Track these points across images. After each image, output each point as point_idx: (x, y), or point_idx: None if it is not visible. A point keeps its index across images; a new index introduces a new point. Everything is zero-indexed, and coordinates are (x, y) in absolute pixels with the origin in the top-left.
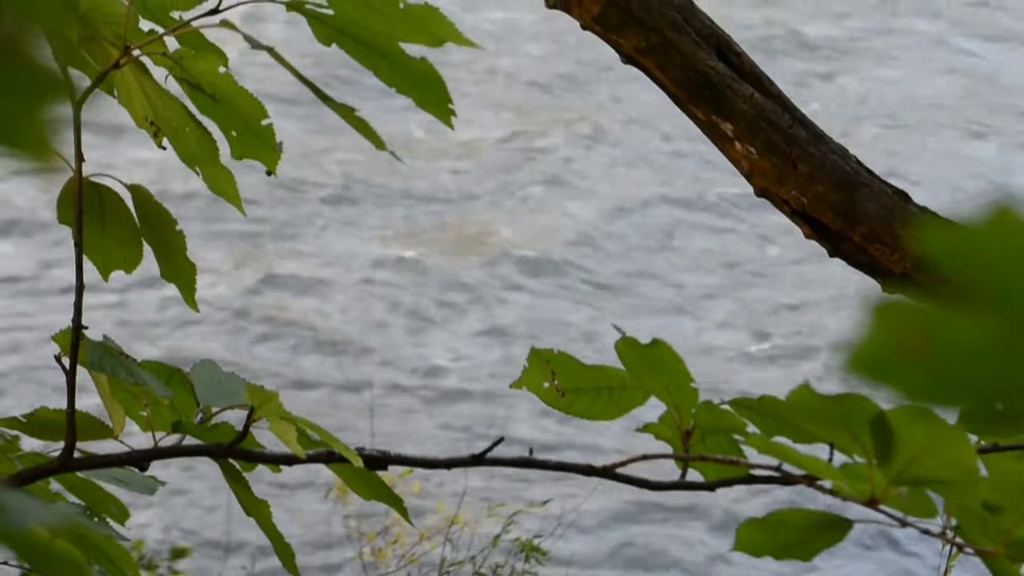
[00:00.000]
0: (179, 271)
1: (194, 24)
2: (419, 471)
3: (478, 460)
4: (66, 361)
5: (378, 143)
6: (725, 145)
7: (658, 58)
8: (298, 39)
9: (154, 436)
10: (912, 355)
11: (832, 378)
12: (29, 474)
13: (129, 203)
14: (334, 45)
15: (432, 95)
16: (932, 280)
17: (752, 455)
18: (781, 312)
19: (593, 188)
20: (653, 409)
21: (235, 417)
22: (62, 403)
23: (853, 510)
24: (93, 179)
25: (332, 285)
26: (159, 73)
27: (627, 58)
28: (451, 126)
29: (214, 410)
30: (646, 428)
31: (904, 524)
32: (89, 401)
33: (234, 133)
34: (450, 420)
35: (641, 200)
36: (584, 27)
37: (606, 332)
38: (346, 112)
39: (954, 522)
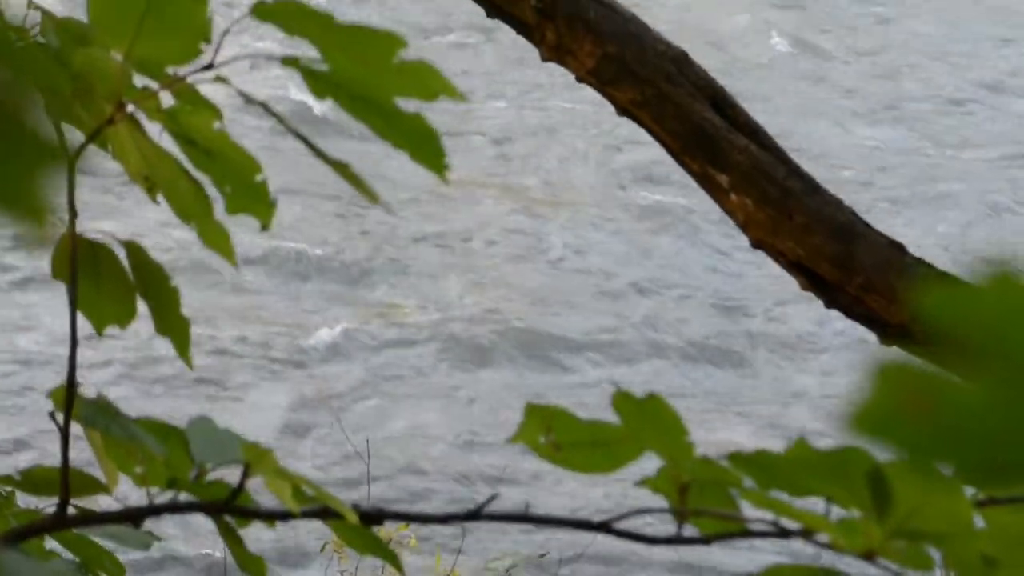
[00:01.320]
0: (173, 326)
1: (189, 79)
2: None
3: (473, 516)
4: (60, 418)
5: (372, 197)
6: (720, 196)
7: (653, 111)
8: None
9: (149, 492)
10: (914, 415)
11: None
12: (24, 531)
13: (123, 259)
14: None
15: (427, 149)
16: (930, 333)
17: (749, 509)
18: None
19: None
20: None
21: (230, 474)
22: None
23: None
24: (88, 235)
25: None
26: (153, 128)
27: (622, 110)
28: (446, 180)
29: (209, 466)
30: (643, 482)
31: None
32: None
33: (228, 188)
34: None
35: None
36: (579, 80)
37: None
38: (340, 167)
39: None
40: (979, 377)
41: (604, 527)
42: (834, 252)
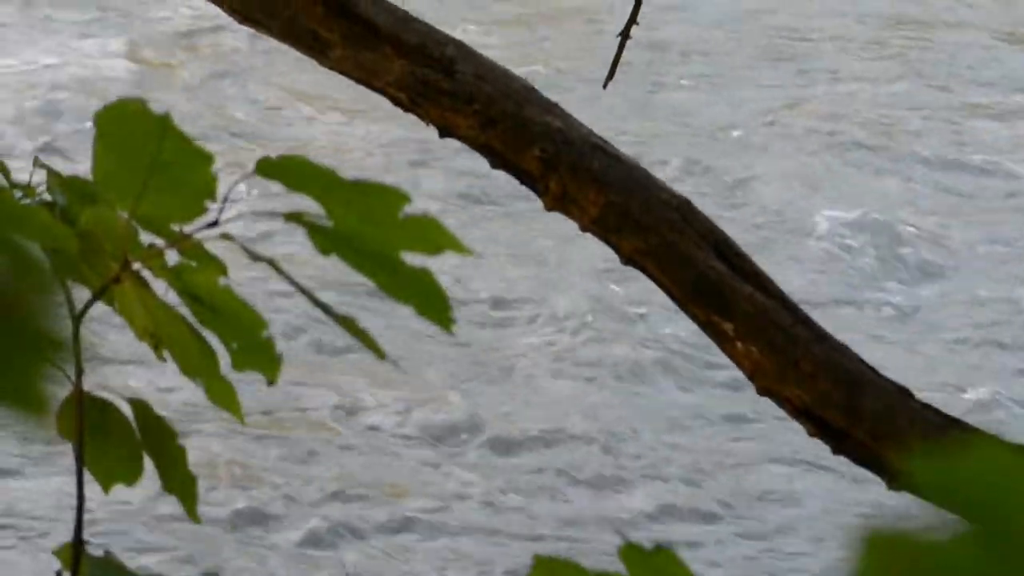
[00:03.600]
0: (180, 484)
1: (195, 237)
2: None
3: None
4: None
5: (379, 353)
6: (726, 345)
7: (658, 259)
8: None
9: None
10: None
11: None
12: None
13: (130, 416)
14: None
15: (432, 304)
16: (924, 493)
17: None
18: None
19: None
20: None
21: None
22: None
23: None
24: (94, 393)
25: None
26: (159, 284)
27: (626, 259)
28: (451, 332)
29: None
30: None
31: None
32: None
33: (234, 344)
34: None
35: None
36: (583, 229)
37: None
38: (348, 323)
39: None
40: (967, 546)
41: None
42: (841, 399)
